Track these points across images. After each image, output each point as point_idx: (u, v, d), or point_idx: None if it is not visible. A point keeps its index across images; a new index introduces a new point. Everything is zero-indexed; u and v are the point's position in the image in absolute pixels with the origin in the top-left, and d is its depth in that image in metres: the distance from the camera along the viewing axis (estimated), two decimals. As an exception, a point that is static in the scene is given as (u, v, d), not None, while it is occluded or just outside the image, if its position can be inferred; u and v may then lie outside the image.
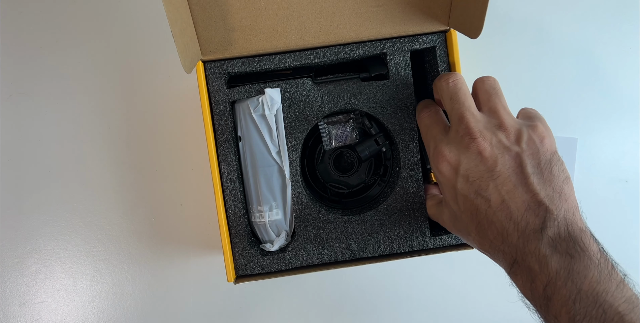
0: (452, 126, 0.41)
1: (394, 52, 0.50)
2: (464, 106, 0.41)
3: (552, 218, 0.36)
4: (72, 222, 0.62)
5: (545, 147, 0.39)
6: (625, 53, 0.65)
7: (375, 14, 0.48)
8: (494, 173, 0.38)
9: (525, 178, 0.37)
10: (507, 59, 0.65)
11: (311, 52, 0.49)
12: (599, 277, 0.33)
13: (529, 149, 0.38)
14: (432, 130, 0.44)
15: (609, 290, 0.32)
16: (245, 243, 0.50)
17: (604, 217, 0.65)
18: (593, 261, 0.34)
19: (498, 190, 0.37)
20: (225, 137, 0.49)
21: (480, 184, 0.38)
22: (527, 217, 0.36)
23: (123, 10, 0.62)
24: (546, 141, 0.39)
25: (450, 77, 0.43)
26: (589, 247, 0.34)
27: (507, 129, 0.39)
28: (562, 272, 0.33)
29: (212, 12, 0.47)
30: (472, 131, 0.39)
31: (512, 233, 0.36)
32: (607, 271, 0.33)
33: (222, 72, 0.49)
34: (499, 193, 0.37)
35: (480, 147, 0.38)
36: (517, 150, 0.38)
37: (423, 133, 0.45)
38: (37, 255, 0.62)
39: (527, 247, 0.35)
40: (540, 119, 0.42)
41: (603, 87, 0.65)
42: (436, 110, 0.46)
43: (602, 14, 0.65)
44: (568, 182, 0.38)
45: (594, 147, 0.65)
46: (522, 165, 0.38)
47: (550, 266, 0.34)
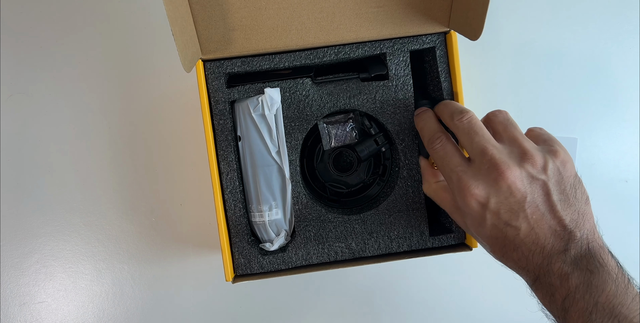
0: (475, 159, 0.41)
1: (394, 53, 0.50)
2: (483, 139, 0.41)
3: (576, 240, 0.37)
4: (72, 222, 0.62)
5: (568, 172, 0.40)
6: (625, 53, 0.65)
7: (376, 15, 0.48)
8: (524, 204, 0.38)
9: (552, 206, 0.38)
10: (507, 59, 0.65)
11: (311, 52, 0.49)
12: (615, 290, 0.35)
13: (554, 176, 0.39)
14: (449, 162, 0.43)
15: (624, 303, 0.34)
16: (245, 243, 0.50)
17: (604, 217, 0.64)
18: (611, 275, 0.35)
19: (527, 220, 0.38)
20: (225, 137, 0.49)
21: (510, 216, 0.39)
22: (553, 241, 0.38)
23: (123, 10, 0.62)
24: (568, 166, 0.40)
25: (463, 115, 0.43)
26: (608, 262, 0.36)
27: (532, 157, 0.39)
28: (582, 287, 0.35)
29: (213, 11, 0.47)
30: (497, 163, 0.39)
31: (537, 255, 0.38)
32: (623, 285, 0.35)
33: (221, 72, 0.49)
34: (528, 222, 0.38)
35: (509, 181, 0.39)
36: (544, 179, 0.39)
37: (439, 164, 0.44)
38: (37, 255, 0.62)
39: (550, 267, 0.37)
40: (557, 143, 0.42)
41: (603, 87, 0.65)
42: (447, 137, 0.45)
43: (602, 14, 0.65)
44: (588, 202, 0.40)
45: (594, 147, 0.65)
46: (549, 193, 0.39)
47: (570, 281, 0.36)
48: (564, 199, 0.39)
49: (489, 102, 0.64)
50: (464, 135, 0.42)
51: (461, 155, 0.43)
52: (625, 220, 0.65)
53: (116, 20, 0.62)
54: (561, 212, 0.38)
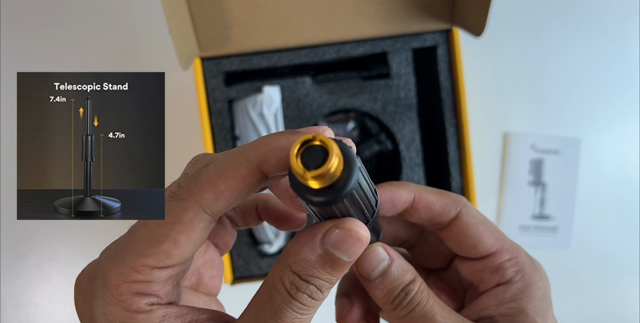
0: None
1: (395, 51, 0.49)
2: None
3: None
4: (68, 223, 0.61)
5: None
6: (629, 52, 0.65)
7: (377, 12, 0.48)
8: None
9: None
10: (510, 58, 0.64)
11: (311, 50, 0.49)
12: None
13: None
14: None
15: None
16: (244, 244, 0.49)
17: (608, 218, 0.64)
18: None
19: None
20: (223, 137, 0.48)
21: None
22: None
23: (120, 6, 0.62)
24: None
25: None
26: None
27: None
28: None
29: (210, 8, 0.46)
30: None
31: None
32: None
33: (220, 70, 0.48)
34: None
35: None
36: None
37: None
38: (33, 256, 0.61)
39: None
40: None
41: (607, 86, 0.65)
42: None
43: (605, 12, 0.65)
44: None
45: (598, 147, 0.64)
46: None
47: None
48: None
49: (491, 102, 0.63)
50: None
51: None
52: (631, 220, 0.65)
53: (113, 16, 0.62)
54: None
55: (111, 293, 0.21)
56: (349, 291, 0.30)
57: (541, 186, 0.63)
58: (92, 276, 0.22)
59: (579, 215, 0.63)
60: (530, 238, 0.63)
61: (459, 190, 0.50)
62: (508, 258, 0.27)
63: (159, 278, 0.21)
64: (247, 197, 0.21)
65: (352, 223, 0.20)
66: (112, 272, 0.21)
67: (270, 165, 0.20)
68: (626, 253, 0.65)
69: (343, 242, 0.20)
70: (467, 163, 0.49)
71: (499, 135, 0.63)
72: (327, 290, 0.21)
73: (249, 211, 0.28)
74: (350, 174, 0.17)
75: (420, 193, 0.27)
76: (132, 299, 0.20)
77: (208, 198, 0.20)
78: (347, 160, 0.17)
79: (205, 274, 0.28)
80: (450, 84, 0.49)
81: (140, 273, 0.20)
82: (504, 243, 0.27)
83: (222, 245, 0.29)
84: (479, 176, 0.56)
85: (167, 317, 0.21)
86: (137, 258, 0.20)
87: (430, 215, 0.27)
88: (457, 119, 0.50)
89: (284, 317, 0.21)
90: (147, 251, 0.20)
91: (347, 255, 0.20)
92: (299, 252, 0.20)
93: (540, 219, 0.63)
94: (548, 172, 0.63)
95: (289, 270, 0.20)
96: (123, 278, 0.20)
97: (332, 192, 0.17)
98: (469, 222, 0.27)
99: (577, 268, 0.64)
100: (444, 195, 0.27)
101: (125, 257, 0.21)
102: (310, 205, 0.19)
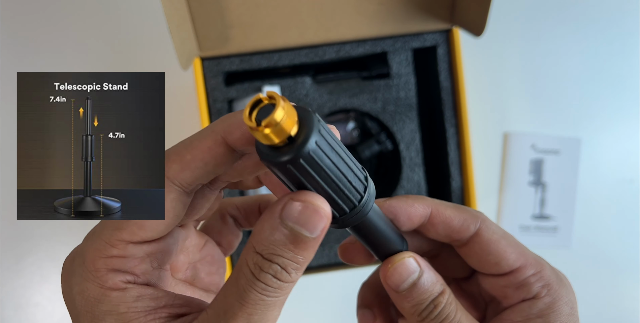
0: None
1: (395, 51, 0.49)
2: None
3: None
4: (68, 223, 0.61)
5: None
6: (629, 51, 0.65)
7: (377, 12, 0.48)
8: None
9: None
10: (510, 58, 0.64)
11: (311, 50, 0.49)
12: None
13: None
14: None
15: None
16: (244, 244, 0.49)
17: (609, 218, 0.64)
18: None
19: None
20: (224, 136, 0.48)
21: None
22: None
23: (120, 6, 0.62)
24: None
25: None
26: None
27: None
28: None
29: (210, 8, 0.46)
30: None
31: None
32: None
33: (220, 70, 0.48)
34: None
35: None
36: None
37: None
38: (33, 257, 0.61)
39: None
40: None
41: (607, 86, 0.65)
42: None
43: (605, 12, 0.65)
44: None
45: (598, 147, 0.64)
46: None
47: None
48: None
49: (491, 102, 0.63)
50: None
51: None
52: (632, 220, 0.65)
53: (113, 16, 0.62)
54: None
55: (88, 269, 0.21)
56: (371, 302, 0.30)
57: (541, 186, 0.63)
58: (74, 256, 0.22)
59: (579, 215, 0.63)
60: (530, 238, 0.63)
61: (459, 190, 0.50)
62: (533, 273, 0.26)
63: (135, 254, 0.21)
64: (215, 170, 0.21)
65: (308, 195, 0.19)
66: (89, 248, 0.21)
67: (235, 137, 0.20)
68: (626, 253, 0.65)
69: (301, 215, 0.19)
70: (467, 163, 0.49)
71: (499, 135, 0.63)
72: (294, 271, 0.20)
73: (253, 211, 0.28)
74: (307, 133, 0.17)
75: (438, 207, 0.26)
76: (108, 275, 0.20)
77: (174, 169, 0.20)
78: (302, 119, 0.18)
79: (202, 269, 0.28)
80: (450, 83, 0.49)
81: (116, 247, 0.21)
82: (527, 257, 0.26)
83: (226, 244, 0.29)
84: (479, 176, 0.56)
85: (141, 298, 0.21)
86: (112, 233, 0.21)
87: (449, 231, 0.26)
88: (457, 118, 0.50)
89: (248, 298, 0.20)
90: (120, 224, 0.21)
91: (307, 229, 0.19)
92: (261, 230, 0.20)
93: (541, 219, 0.63)
94: (548, 172, 0.63)
95: (253, 250, 0.20)
96: (99, 254, 0.21)
97: (289, 150, 0.17)
98: (490, 238, 0.26)
99: (577, 268, 0.64)
100: (462, 210, 0.26)
101: (102, 233, 0.21)
102: (272, 167, 0.18)
